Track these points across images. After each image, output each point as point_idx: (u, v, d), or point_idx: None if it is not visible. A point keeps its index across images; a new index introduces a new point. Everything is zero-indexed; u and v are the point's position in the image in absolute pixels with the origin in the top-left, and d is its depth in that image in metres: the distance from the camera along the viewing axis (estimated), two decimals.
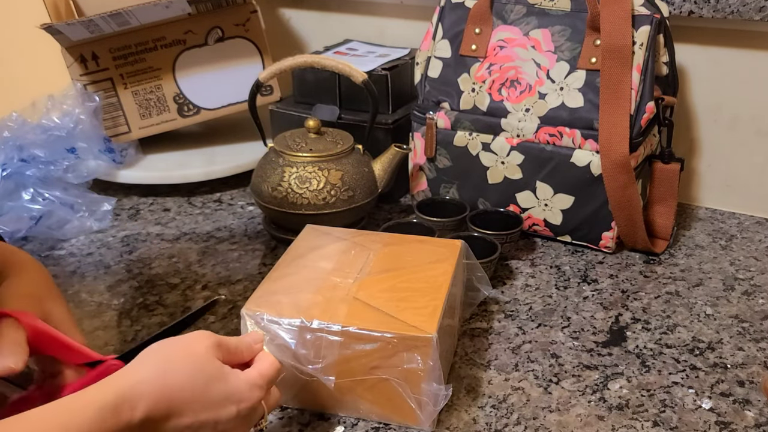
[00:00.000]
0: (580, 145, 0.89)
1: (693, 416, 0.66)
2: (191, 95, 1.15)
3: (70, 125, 1.05)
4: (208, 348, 0.54)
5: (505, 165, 0.94)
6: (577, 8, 0.91)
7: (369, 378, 0.63)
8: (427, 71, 0.98)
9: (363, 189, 0.93)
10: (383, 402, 0.64)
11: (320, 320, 0.62)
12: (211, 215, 1.05)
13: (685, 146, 1.05)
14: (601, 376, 0.71)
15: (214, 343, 0.55)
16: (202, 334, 0.56)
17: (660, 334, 0.78)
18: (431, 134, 0.97)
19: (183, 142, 1.20)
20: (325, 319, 0.63)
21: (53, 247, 0.96)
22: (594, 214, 0.91)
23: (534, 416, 0.66)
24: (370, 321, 0.63)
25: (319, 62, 0.94)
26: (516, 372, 0.72)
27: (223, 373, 0.54)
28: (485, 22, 0.95)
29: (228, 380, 0.54)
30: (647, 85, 0.88)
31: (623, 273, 0.90)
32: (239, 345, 0.59)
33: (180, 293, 0.85)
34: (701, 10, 0.94)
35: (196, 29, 1.11)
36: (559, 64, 0.91)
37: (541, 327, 0.79)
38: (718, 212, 1.05)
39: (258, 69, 1.15)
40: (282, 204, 0.91)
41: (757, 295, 0.85)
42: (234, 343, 0.58)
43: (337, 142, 0.95)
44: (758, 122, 1.00)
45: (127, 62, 1.11)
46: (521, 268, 0.91)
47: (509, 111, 0.92)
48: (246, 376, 0.56)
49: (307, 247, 0.75)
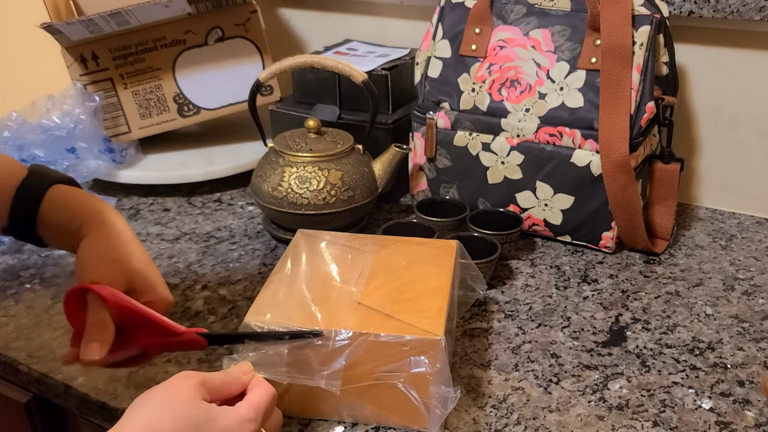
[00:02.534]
0: (580, 145, 0.89)
1: (693, 416, 0.66)
2: (191, 95, 1.15)
3: (70, 125, 1.05)
4: (192, 389, 0.53)
5: (505, 165, 0.94)
6: (577, 8, 0.91)
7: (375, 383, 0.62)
8: (427, 71, 0.98)
9: (363, 189, 0.93)
10: (389, 406, 0.64)
11: (327, 327, 0.62)
12: (211, 215, 1.05)
13: (685, 146, 1.05)
14: (601, 376, 0.71)
15: (198, 383, 0.54)
16: (185, 377, 0.54)
17: (660, 334, 0.78)
18: (431, 134, 0.97)
19: (183, 142, 1.20)
20: (333, 325, 0.62)
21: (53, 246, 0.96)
22: (594, 214, 0.91)
23: (534, 416, 0.66)
24: (378, 325, 0.62)
25: (319, 62, 0.94)
26: (516, 372, 0.72)
27: (210, 415, 0.53)
28: (485, 22, 0.95)
29: (216, 421, 0.53)
30: (647, 85, 0.88)
31: (623, 273, 0.90)
32: (226, 379, 0.57)
33: (180, 293, 0.85)
34: (701, 10, 0.94)
35: (196, 29, 1.11)
36: (559, 64, 0.91)
37: (541, 327, 0.79)
38: (718, 212, 1.05)
39: (258, 69, 1.15)
40: (282, 204, 0.91)
41: (757, 295, 0.85)
42: (220, 378, 0.56)
43: (337, 142, 0.95)
44: (758, 122, 1.00)
45: (127, 62, 1.11)
46: (521, 268, 0.91)
47: (509, 111, 0.92)
48: (236, 412, 0.54)
49: (303, 254, 0.74)
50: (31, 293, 0.86)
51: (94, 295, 0.59)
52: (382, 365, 0.61)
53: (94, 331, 0.58)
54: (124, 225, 0.67)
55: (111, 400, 0.68)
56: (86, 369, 0.72)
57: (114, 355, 0.61)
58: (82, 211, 0.66)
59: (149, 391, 0.53)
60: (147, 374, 0.71)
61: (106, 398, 0.68)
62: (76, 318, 0.61)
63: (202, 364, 0.73)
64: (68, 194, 0.68)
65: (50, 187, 0.68)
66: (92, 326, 0.59)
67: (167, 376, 0.70)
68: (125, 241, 0.65)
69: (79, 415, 0.79)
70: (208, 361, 0.73)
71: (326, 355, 0.62)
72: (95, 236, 0.64)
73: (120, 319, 0.60)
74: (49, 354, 0.74)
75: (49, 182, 0.68)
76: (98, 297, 0.59)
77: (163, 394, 0.53)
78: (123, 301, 0.60)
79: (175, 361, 0.73)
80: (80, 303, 0.61)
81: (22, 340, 0.77)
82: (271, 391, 0.58)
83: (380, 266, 0.72)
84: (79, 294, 0.61)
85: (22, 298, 0.85)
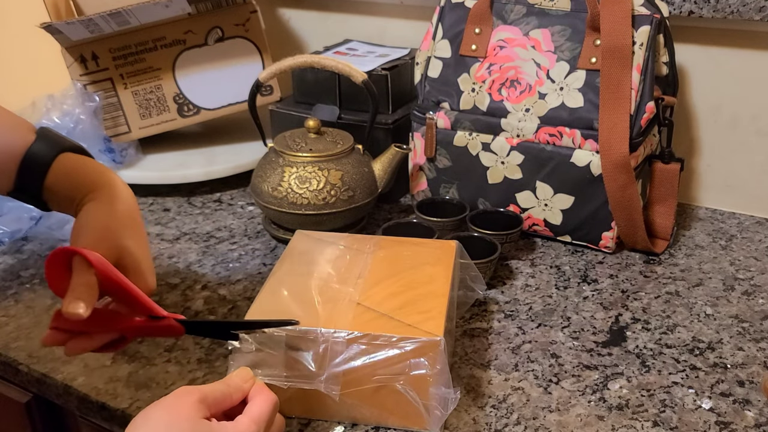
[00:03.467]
0: (580, 145, 0.89)
1: (693, 416, 0.66)
2: (191, 95, 1.15)
3: (70, 125, 1.05)
4: (192, 408, 0.52)
5: (505, 165, 0.94)
6: (577, 8, 0.91)
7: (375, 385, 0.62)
8: (427, 71, 0.98)
9: (363, 189, 0.93)
10: (389, 408, 0.63)
11: (326, 328, 0.62)
12: (211, 215, 1.05)
13: (685, 146, 1.05)
14: (601, 376, 0.71)
15: (198, 399, 0.53)
16: (184, 393, 0.53)
17: (660, 334, 0.78)
18: (431, 134, 0.97)
19: (183, 142, 1.21)
20: (331, 326, 0.62)
21: (53, 247, 0.96)
22: (594, 214, 0.91)
23: (534, 416, 0.66)
24: (377, 326, 0.62)
25: (319, 62, 0.94)
26: (516, 372, 0.72)
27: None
28: (485, 22, 0.95)
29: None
30: (647, 85, 0.88)
31: (623, 273, 0.90)
32: (227, 390, 0.56)
33: (180, 293, 0.85)
34: (701, 10, 0.94)
35: (196, 29, 1.11)
36: (559, 64, 0.91)
37: (541, 327, 0.79)
38: (718, 212, 1.05)
39: (258, 69, 1.15)
40: (282, 204, 0.91)
41: (757, 295, 0.85)
42: (220, 390, 0.55)
43: (337, 142, 0.95)
44: (758, 122, 1.00)
45: (127, 62, 1.11)
46: (521, 268, 0.91)
47: (509, 111, 0.92)
48: (236, 427, 0.53)
49: (301, 254, 0.74)
50: (31, 293, 0.86)
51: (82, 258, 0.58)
52: (381, 366, 0.61)
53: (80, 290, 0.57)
54: (132, 201, 0.66)
55: (111, 400, 0.68)
56: (86, 369, 0.72)
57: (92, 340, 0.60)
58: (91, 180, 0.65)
59: (148, 411, 0.52)
60: (147, 374, 0.71)
61: (106, 398, 0.68)
62: (58, 281, 0.59)
63: (202, 363, 0.73)
64: (79, 163, 0.67)
65: (59, 155, 0.67)
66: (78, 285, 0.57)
67: (167, 377, 0.71)
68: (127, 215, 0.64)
69: (79, 415, 0.79)
70: (208, 361, 0.73)
71: (325, 357, 0.61)
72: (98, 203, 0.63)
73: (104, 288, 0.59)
74: (49, 354, 0.74)
75: (58, 149, 0.67)
76: (86, 261, 0.57)
77: (163, 413, 0.52)
78: (110, 272, 0.58)
79: (175, 361, 0.73)
80: (64, 267, 0.59)
81: (22, 340, 0.77)
82: (272, 401, 0.57)
83: (379, 267, 0.72)
84: (64, 256, 0.59)
85: (22, 298, 0.85)
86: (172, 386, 0.70)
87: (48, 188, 0.67)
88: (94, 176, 0.66)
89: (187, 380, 0.70)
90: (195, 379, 0.71)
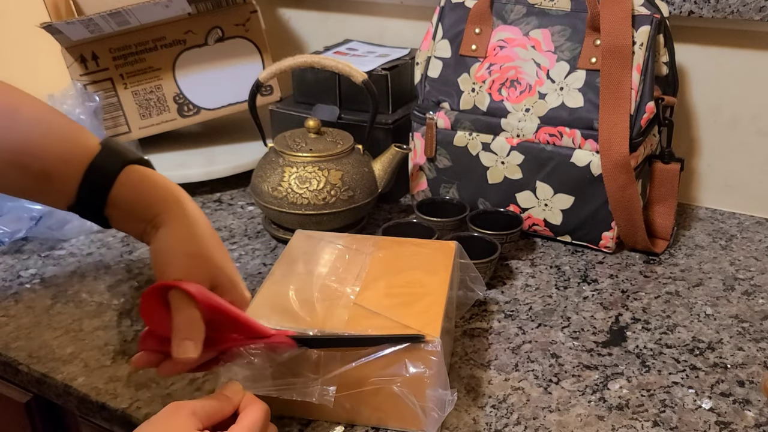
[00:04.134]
0: (580, 145, 0.89)
1: (693, 416, 0.66)
2: (191, 95, 1.15)
3: None
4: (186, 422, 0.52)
5: (505, 165, 0.94)
6: (577, 8, 0.91)
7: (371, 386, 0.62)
8: (427, 71, 0.98)
9: (363, 189, 0.93)
10: (386, 410, 0.63)
11: (322, 328, 0.61)
12: (211, 215, 1.05)
13: (685, 146, 1.05)
14: (601, 376, 0.71)
15: (189, 413, 0.52)
16: (176, 408, 0.53)
17: (660, 334, 0.78)
18: (431, 134, 0.97)
19: (183, 142, 1.21)
20: (327, 326, 0.62)
21: (53, 247, 0.96)
22: (594, 214, 0.91)
23: (534, 416, 0.66)
24: (373, 327, 0.62)
25: (319, 62, 0.94)
26: (516, 372, 0.72)
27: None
28: (485, 22, 0.95)
29: None
30: (647, 85, 0.88)
31: (623, 273, 0.90)
32: (217, 403, 0.55)
33: None
34: (701, 10, 0.94)
35: (196, 29, 1.11)
36: (559, 64, 0.91)
37: (541, 327, 0.79)
38: (718, 212, 1.05)
39: (258, 69, 1.15)
40: (282, 204, 0.91)
41: (757, 295, 0.85)
42: (210, 403, 0.55)
43: (337, 142, 0.95)
44: (758, 122, 1.00)
45: (127, 62, 1.11)
46: (521, 268, 0.91)
47: (509, 111, 0.92)
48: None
49: (301, 254, 0.74)
50: (31, 293, 0.86)
51: (181, 292, 0.55)
52: (377, 368, 0.61)
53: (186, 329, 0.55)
54: (203, 216, 0.62)
55: (111, 401, 0.68)
56: (86, 369, 0.72)
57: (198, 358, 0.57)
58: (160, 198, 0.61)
59: (142, 428, 0.52)
60: (147, 374, 0.71)
61: (106, 398, 0.68)
62: (156, 319, 0.57)
63: None
64: (145, 177, 0.63)
65: (125, 167, 0.62)
66: (183, 324, 0.55)
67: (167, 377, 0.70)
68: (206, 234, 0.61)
69: (79, 415, 0.79)
70: None
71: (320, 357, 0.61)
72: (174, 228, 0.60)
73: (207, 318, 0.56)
74: (49, 354, 0.74)
75: (123, 161, 0.63)
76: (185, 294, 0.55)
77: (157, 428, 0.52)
78: (212, 300, 0.56)
79: None
80: (159, 301, 0.56)
81: (22, 340, 0.77)
82: (263, 409, 0.56)
83: (378, 267, 0.72)
84: (160, 291, 0.56)
85: (22, 298, 0.85)
86: (172, 386, 0.70)
87: (112, 203, 0.62)
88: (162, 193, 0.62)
89: (187, 380, 0.70)
90: (195, 379, 0.71)
